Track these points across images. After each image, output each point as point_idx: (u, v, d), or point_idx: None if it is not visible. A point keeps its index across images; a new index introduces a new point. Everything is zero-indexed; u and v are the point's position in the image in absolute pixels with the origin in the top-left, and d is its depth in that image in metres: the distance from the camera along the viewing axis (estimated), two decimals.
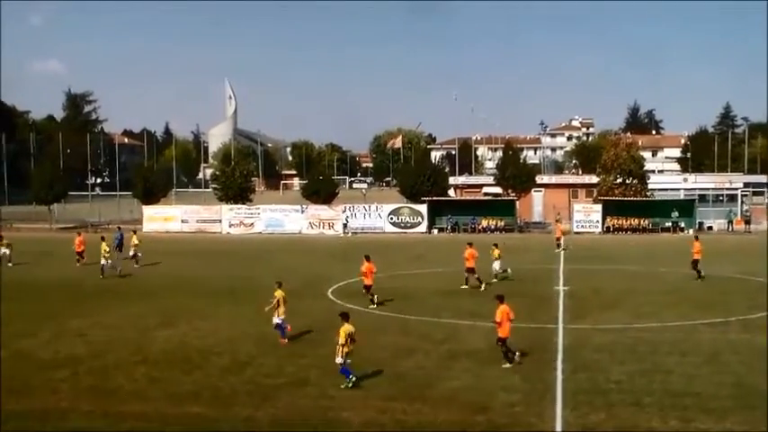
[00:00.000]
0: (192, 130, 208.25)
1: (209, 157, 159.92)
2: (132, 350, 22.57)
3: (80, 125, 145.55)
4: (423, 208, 65.51)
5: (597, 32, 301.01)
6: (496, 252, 35.90)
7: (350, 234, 62.40)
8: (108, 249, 39.36)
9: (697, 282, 34.97)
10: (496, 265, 35.59)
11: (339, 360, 18.77)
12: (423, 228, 64.54)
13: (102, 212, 75.93)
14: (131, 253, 43.13)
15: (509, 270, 36.08)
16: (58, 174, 78.21)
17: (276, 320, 23.62)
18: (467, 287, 33.26)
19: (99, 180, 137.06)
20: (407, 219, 65.33)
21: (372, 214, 65.73)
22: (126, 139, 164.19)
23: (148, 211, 69.78)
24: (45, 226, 71.91)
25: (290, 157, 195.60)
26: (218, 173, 79.12)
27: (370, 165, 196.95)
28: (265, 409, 17.17)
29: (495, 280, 34.60)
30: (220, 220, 67.01)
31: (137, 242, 43.62)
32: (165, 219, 68.39)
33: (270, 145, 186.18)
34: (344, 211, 65.79)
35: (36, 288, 35.39)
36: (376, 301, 29.28)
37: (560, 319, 27.14)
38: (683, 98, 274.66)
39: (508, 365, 20.33)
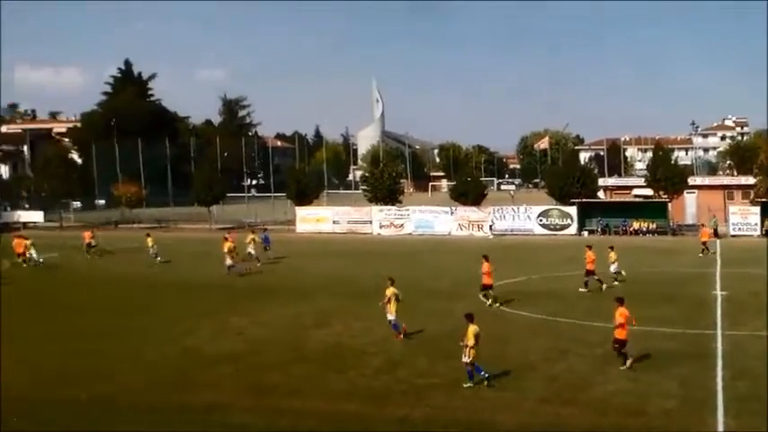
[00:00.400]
0: (342, 133, 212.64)
1: (359, 159, 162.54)
2: (289, 348, 23.24)
3: (235, 129, 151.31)
4: (572, 210, 64.29)
5: (749, 29, 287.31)
6: (613, 255, 35.58)
7: (491, 236, 61.95)
8: (233, 248, 40.49)
9: None
10: (613, 268, 35.31)
11: (466, 360, 18.93)
12: (572, 230, 63.32)
13: (257, 213, 78.38)
14: (249, 251, 44.52)
15: (623, 272, 35.32)
16: (217, 176, 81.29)
17: (390, 317, 24.33)
18: (585, 290, 32.91)
19: (254, 182, 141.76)
20: (557, 221, 64.26)
21: (521, 216, 65.01)
22: (278, 142, 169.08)
23: (301, 212, 71.52)
24: (205, 226, 74.91)
25: (438, 159, 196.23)
26: (367, 174, 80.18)
27: (517, 166, 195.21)
28: (420, 408, 17.34)
29: (616, 283, 34.05)
30: (371, 221, 67.87)
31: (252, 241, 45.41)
32: (317, 220, 69.90)
33: (417, 147, 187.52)
34: (489, 213, 65.44)
35: (196, 286, 36.98)
36: (497, 301, 29.67)
37: (719, 324, 26.10)
38: None
39: (624, 367, 20.24)
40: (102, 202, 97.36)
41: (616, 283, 33.99)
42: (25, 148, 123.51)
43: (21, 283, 39.30)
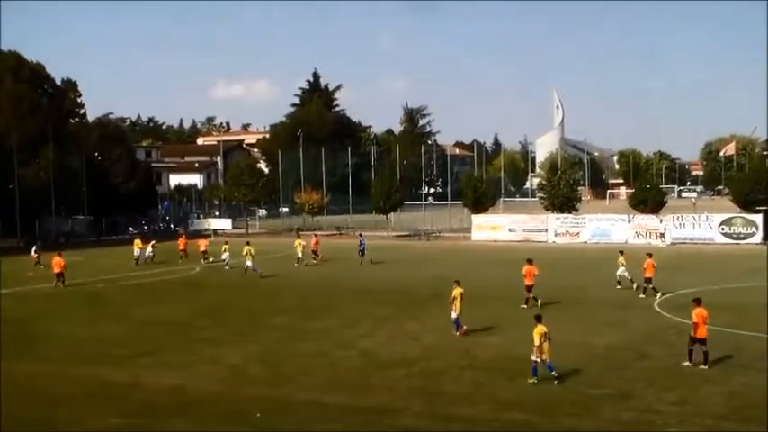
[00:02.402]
0: (520, 141, 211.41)
1: (536, 167, 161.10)
2: (460, 355, 23.66)
3: (415, 138, 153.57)
4: (758, 218, 61.28)
5: None
6: (621, 259, 36.72)
7: (667, 245, 59.99)
8: (253, 252, 45.92)
9: None
10: (620, 272, 36.49)
11: (533, 358, 20.01)
12: (757, 239, 60.34)
13: (433, 221, 79.36)
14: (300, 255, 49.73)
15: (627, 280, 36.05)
16: (395, 184, 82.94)
17: (453, 315, 26.28)
18: (643, 296, 33.72)
19: (432, 190, 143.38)
20: (740, 229, 61.38)
21: (702, 224, 62.63)
22: (457, 150, 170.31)
23: (477, 219, 71.85)
24: (383, 234, 76.64)
25: (617, 166, 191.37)
26: (544, 182, 79.57)
27: (700, 173, 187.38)
28: (589, 419, 17.32)
29: (619, 287, 35.69)
30: (546, 230, 67.36)
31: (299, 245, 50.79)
32: (493, 227, 70.02)
33: (596, 154, 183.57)
34: (665, 221, 63.48)
35: (376, 291, 38.23)
36: (539, 302, 30.85)
37: None
38: None
39: (704, 367, 20.99)
40: (285, 209, 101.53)
41: (618, 287, 35.82)
42: (219, 158, 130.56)
43: (210, 288, 41.89)
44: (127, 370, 22.31)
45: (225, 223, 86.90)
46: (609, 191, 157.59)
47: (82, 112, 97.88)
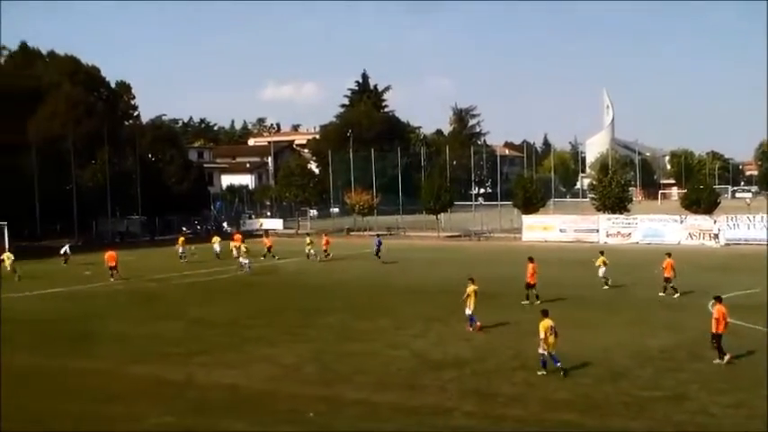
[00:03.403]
0: (570, 141, 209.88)
1: (587, 167, 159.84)
2: (511, 355, 23.68)
3: (465, 138, 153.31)
4: None
5: None
6: (601, 260, 37.98)
7: (717, 245, 59.13)
8: (246, 249, 48.91)
9: None
10: (602, 272, 37.80)
11: (540, 351, 21.00)
12: None
13: (483, 221, 79.18)
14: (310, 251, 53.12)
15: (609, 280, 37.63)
16: (445, 185, 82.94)
17: (468, 312, 27.15)
18: (663, 295, 34.36)
19: (482, 190, 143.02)
20: None
21: (757, 225, 61.55)
22: (507, 151, 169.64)
23: (528, 220, 71.59)
24: (433, 234, 76.70)
25: (669, 166, 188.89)
26: (595, 182, 78.98)
27: (755, 173, 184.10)
28: (641, 421, 17.24)
29: (606, 287, 37.07)
30: (597, 230, 66.83)
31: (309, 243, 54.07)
32: (544, 228, 69.69)
33: (648, 154, 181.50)
34: (715, 222, 62.58)
35: (430, 291, 38.35)
36: (538, 299, 31.78)
37: None
38: None
39: (719, 361, 21.61)
40: (335, 210, 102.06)
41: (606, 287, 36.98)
42: (269, 159, 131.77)
43: (262, 287, 42.38)
44: (181, 368, 22.69)
45: (276, 223, 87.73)
46: (660, 191, 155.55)
47: (136, 114, 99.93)
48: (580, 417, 17.65)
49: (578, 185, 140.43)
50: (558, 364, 20.70)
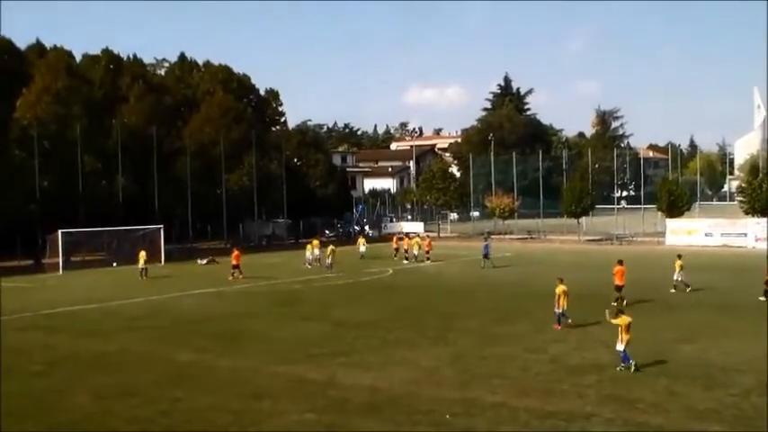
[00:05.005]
0: (717, 142, 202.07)
1: (735, 169, 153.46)
2: (654, 362, 23.22)
3: (608, 141, 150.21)
4: None
5: None
6: (678, 263, 37.97)
7: None
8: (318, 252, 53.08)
9: None
10: (677, 276, 37.83)
11: (556, 311, 24.25)
12: None
13: (626, 225, 77.46)
14: (328, 262, 51.96)
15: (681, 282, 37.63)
16: (587, 188, 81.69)
17: (557, 311, 28.50)
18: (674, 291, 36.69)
19: (624, 193, 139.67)
20: None
21: None
22: (651, 153, 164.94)
23: (671, 224, 69.73)
24: (574, 238, 75.62)
25: None
26: (743, 185, 75.92)
27: None
28: None
29: (673, 290, 37.09)
30: (746, 234, 64.27)
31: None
32: (688, 232, 67.75)
33: None
34: None
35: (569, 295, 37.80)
36: (624, 302, 31.26)
37: None
38: None
39: None
40: (476, 213, 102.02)
41: (672, 290, 37.16)
42: (411, 163, 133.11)
43: (403, 290, 42.96)
44: (323, 369, 23.30)
45: (417, 227, 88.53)
46: None
47: (282, 119, 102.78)
48: (726, 428, 17.08)
49: (726, 188, 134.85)
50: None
